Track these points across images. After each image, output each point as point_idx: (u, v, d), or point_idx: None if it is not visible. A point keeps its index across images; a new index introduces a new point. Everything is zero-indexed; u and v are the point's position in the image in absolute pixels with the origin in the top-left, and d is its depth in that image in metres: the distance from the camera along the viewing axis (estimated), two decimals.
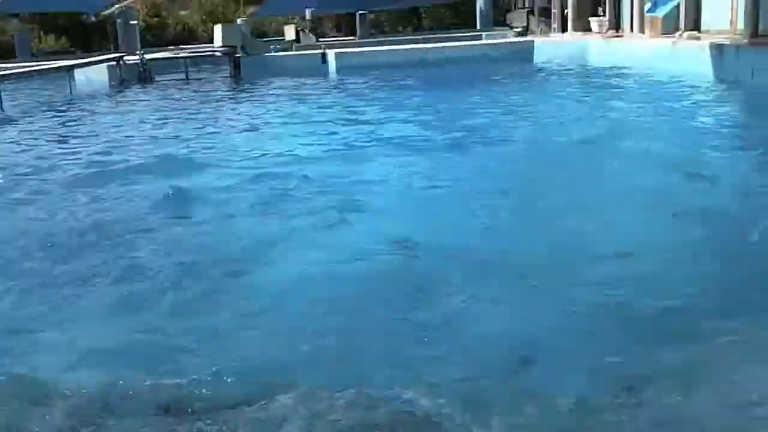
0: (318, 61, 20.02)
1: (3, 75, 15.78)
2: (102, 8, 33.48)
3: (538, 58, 19.38)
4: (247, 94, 15.99)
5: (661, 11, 17.68)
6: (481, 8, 30.41)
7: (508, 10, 30.01)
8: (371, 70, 18.02)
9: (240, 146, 8.96)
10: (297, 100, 14.15)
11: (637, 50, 16.20)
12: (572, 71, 16.69)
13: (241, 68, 19.59)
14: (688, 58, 13.92)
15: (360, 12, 30.24)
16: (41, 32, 40.91)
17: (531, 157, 7.55)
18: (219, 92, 16.92)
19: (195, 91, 16.92)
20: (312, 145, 8.78)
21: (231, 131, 10.54)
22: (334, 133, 9.54)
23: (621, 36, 18.92)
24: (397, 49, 21.02)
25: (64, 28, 41.82)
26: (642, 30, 17.75)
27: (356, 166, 7.38)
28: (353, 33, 31.68)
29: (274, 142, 9.13)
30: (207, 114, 12.77)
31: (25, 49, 31.63)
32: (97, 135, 10.68)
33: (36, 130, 11.65)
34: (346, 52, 20.53)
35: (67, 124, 12.31)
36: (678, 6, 17.29)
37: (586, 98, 12.32)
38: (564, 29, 22.32)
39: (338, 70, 19.27)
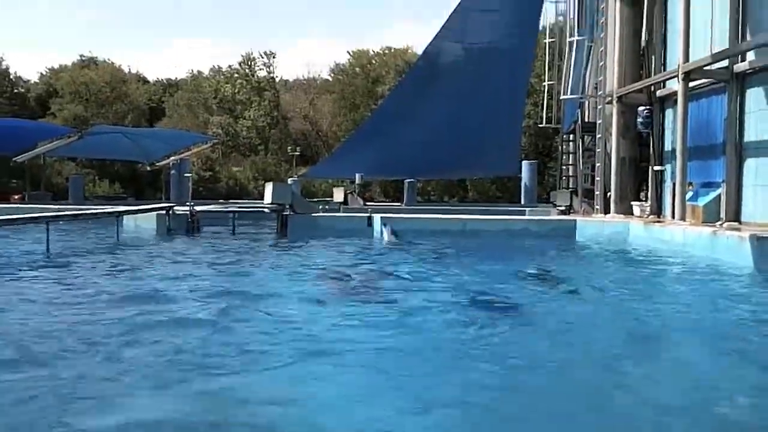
0: (364, 224, 20.34)
1: (54, 216, 16.34)
2: (158, 159, 34.98)
3: (580, 237, 19.49)
4: (291, 252, 16.20)
5: (702, 200, 17.88)
6: (526, 184, 31.04)
7: (553, 189, 30.55)
8: (415, 236, 18.27)
9: (272, 305, 9.00)
10: (336, 260, 14.34)
11: (676, 237, 16.22)
12: (612, 253, 16.70)
13: (288, 226, 19.96)
14: (728, 249, 13.88)
15: (408, 180, 31.00)
16: (96, 177, 42.69)
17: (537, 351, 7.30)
18: (263, 249, 17.22)
19: (240, 246, 17.25)
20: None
21: (267, 287, 10.64)
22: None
23: (662, 222, 19.04)
24: (442, 218, 21.36)
25: (119, 174, 43.66)
26: (683, 217, 17.87)
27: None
28: (400, 199, 32.38)
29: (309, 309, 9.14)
30: (247, 270, 12.93)
31: (78, 193, 32.77)
32: (128, 284, 10.82)
33: (78, 275, 11.90)
34: (391, 217, 20.88)
35: (108, 270, 12.53)
36: (719, 196, 17.49)
37: (622, 283, 12.18)
38: (606, 211, 22.57)
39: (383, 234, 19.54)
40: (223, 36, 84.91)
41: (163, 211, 20.34)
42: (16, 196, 33.75)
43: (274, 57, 53.16)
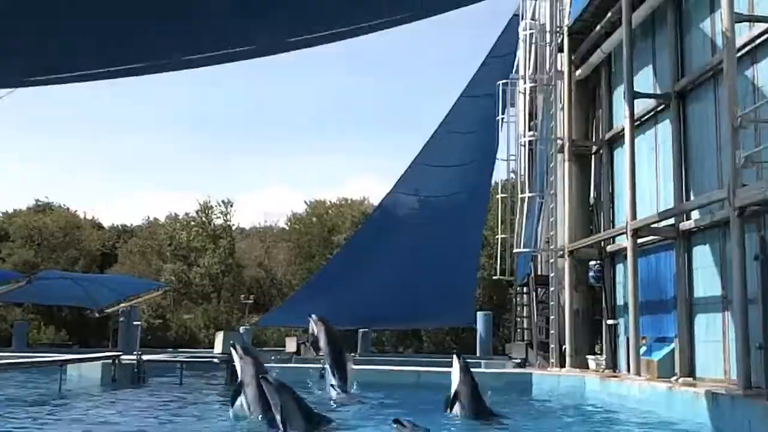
0: (316, 376, 19.85)
1: None
2: (107, 305, 34.15)
3: (536, 391, 19.30)
4: None
5: (656, 355, 17.85)
6: (481, 336, 30.86)
7: (508, 341, 30.40)
8: (366, 389, 17.83)
9: None
10: None
11: (633, 393, 16.10)
12: (568, 409, 16.48)
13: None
14: (684, 406, 13.76)
15: (362, 330, 30.72)
16: (42, 323, 41.45)
17: None
18: (209, 401, 16.61)
19: (186, 399, 16.61)
20: None
21: None
22: None
23: (618, 376, 18.92)
24: (395, 370, 21.05)
25: (66, 320, 42.48)
26: (638, 372, 17.76)
27: None
28: (354, 349, 31.90)
29: None
30: (191, 425, 12.44)
31: (21, 340, 31.82)
32: None
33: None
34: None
35: (45, 424, 11.98)
36: (673, 350, 17.48)
37: None
38: (562, 365, 22.40)
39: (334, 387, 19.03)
40: (183, 184, 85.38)
41: (109, 360, 19.73)
42: None
43: (231, 205, 53.41)
